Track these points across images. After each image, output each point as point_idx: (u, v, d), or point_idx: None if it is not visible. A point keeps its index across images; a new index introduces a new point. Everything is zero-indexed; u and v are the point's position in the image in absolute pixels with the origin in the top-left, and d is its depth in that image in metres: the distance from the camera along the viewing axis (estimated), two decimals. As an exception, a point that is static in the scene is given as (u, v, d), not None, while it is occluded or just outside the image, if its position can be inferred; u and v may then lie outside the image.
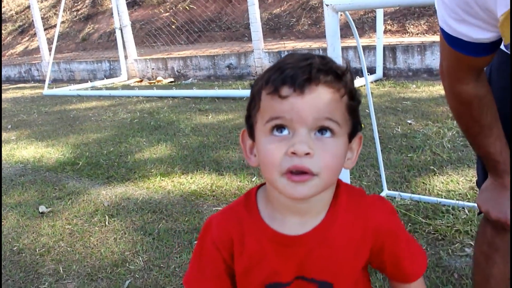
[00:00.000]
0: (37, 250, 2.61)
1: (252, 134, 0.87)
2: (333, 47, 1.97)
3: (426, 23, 7.21)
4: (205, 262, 0.95)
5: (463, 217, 2.34)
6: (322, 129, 0.79)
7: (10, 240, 2.77)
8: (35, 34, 12.46)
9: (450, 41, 1.09)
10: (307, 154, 0.77)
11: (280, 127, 0.80)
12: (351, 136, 0.85)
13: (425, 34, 7.00)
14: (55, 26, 11.01)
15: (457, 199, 2.52)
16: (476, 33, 1.02)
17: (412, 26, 7.31)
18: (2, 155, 4.70)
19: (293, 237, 0.87)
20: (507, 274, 1.32)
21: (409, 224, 2.35)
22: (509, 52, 1.21)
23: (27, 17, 14.81)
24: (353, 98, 0.83)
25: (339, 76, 0.80)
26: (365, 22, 7.76)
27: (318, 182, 0.79)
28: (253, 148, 0.88)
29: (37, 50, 12.43)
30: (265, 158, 0.82)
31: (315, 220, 0.88)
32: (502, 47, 1.23)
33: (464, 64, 1.13)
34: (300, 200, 0.83)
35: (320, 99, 0.78)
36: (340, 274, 0.90)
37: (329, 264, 0.89)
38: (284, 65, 0.80)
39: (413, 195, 2.61)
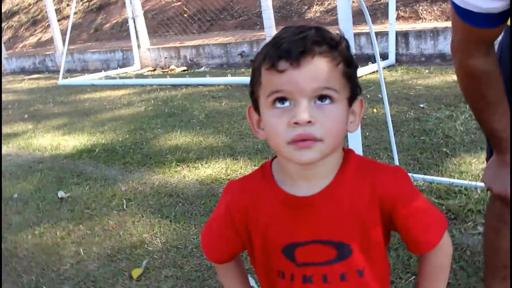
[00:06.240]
0: (57, 233, 2.69)
1: (257, 109, 0.91)
2: (345, 30, 2.00)
3: (439, 9, 7.15)
4: (216, 222, 1.04)
5: (475, 197, 2.37)
6: (321, 97, 0.83)
7: (31, 224, 2.84)
8: (47, 25, 12.56)
9: (460, 13, 1.11)
10: (309, 122, 0.81)
11: (281, 99, 0.83)
12: (351, 100, 0.89)
13: (438, 20, 6.96)
14: (67, 17, 11.09)
15: (470, 180, 2.54)
16: (485, 2, 1.05)
17: (425, 12, 7.26)
18: (20, 143, 4.79)
19: (302, 198, 0.91)
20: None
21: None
22: None
23: (40, 8, 14.92)
24: (349, 65, 0.86)
25: (334, 46, 0.84)
26: (377, 9, 7.72)
27: (323, 146, 0.83)
28: (260, 122, 0.92)
29: (50, 41, 12.53)
30: (270, 131, 0.86)
31: (323, 182, 0.91)
32: (511, 23, 1.25)
33: (474, 37, 1.16)
34: (307, 165, 0.87)
35: (317, 69, 0.81)
36: (353, 235, 0.93)
37: (340, 224, 0.92)
38: (279, 40, 0.83)
39: (425, 177, 2.63)
